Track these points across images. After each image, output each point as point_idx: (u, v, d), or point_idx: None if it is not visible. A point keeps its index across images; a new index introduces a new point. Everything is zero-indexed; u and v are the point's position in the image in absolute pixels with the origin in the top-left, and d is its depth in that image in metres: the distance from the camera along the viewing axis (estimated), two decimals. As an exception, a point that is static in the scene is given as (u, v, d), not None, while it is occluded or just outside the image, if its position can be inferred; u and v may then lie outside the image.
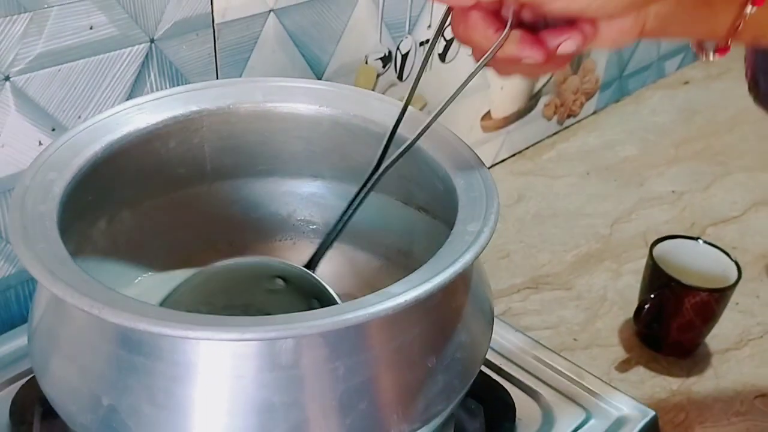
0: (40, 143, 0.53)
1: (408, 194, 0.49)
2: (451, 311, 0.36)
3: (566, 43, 0.35)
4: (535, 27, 0.36)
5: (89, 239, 0.46)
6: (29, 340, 0.38)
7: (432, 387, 0.35)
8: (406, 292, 0.31)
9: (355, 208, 0.44)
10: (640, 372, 0.69)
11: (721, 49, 0.41)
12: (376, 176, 0.43)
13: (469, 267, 0.34)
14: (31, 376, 0.47)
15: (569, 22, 0.35)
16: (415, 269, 0.49)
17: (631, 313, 0.72)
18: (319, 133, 0.48)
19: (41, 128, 0.53)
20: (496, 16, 0.36)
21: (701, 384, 0.68)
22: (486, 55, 0.36)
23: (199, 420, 0.32)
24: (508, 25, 0.35)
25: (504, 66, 0.38)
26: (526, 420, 0.47)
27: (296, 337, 0.31)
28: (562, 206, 0.91)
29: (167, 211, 0.50)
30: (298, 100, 0.47)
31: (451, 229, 0.38)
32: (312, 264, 0.44)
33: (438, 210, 0.47)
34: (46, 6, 0.50)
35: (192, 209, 0.51)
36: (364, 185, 0.43)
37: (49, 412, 0.42)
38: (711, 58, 0.42)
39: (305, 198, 0.52)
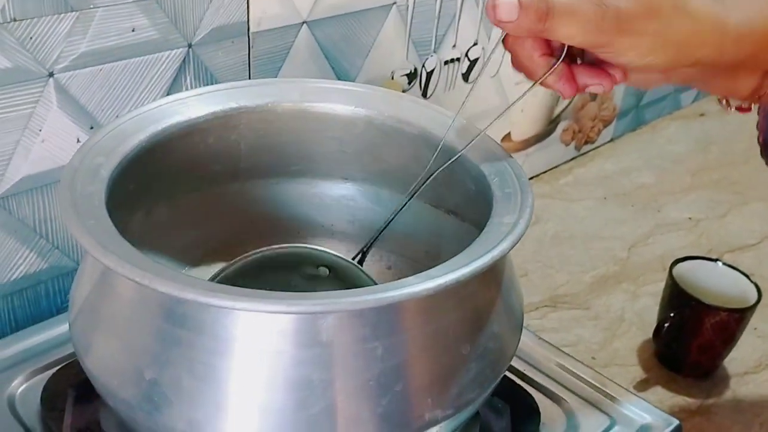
0: (78, 140, 0.55)
1: (438, 197, 0.50)
2: (485, 301, 0.37)
3: (596, 87, 0.38)
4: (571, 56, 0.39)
5: (127, 230, 0.46)
6: (71, 322, 0.39)
7: (465, 374, 0.35)
8: (446, 275, 0.32)
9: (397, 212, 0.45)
10: (658, 392, 0.69)
11: (743, 108, 0.43)
12: (424, 183, 0.44)
13: (504, 257, 0.35)
14: (62, 365, 0.47)
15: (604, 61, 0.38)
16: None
17: (649, 334, 0.73)
18: (353, 134, 0.49)
19: (80, 125, 0.54)
20: (544, 41, 0.38)
21: (720, 406, 0.68)
22: (535, 82, 0.39)
23: (237, 393, 0.33)
24: (559, 60, 0.37)
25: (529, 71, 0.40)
26: (550, 425, 0.47)
27: (339, 312, 0.32)
28: (579, 229, 0.91)
29: (200, 207, 0.51)
30: (334, 101, 0.48)
31: (482, 228, 0.39)
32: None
33: (468, 212, 0.48)
34: (92, 6, 0.51)
35: (224, 207, 0.52)
36: (413, 192, 0.44)
37: (80, 398, 0.43)
38: (732, 111, 0.44)
39: (335, 200, 0.53)
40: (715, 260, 0.72)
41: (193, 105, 0.45)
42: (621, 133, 1.13)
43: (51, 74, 0.51)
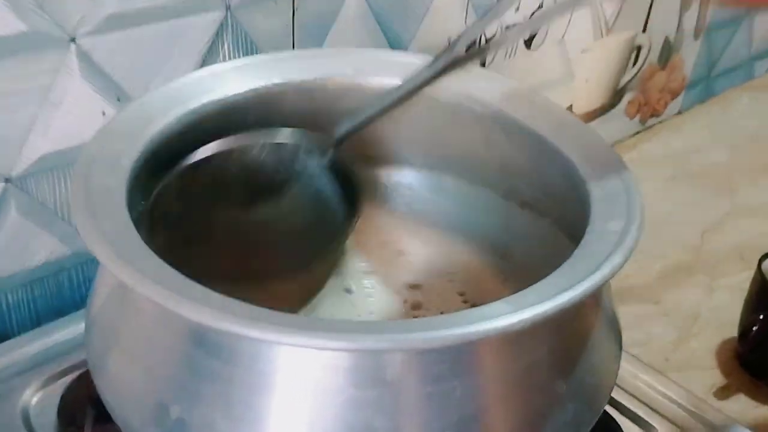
0: (104, 113, 0.49)
1: (510, 187, 0.43)
2: (583, 327, 0.31)
3: None
4: None
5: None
6: (86, 332, 0.33)
7: (560, 416, 0.29)
8: (546, 301, 0.25)
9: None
10: (741, 401, 0.62)
11: None
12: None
13: (611, 274, 0.28)
14: (84, 369, 0.42)
15: None
16: (513, 272, 0.44)
17: (727, 334, 0.65)
18: (413, 113, 0.42)
19: (105, 97, 0.48)
20: None
21: (812, 417, 0.61)
22: None
23: (284, 441, 0.27)
24: None
25: None
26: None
27: (408, 350, 0.25)
28: (647, 212, 0.83)
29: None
30: (392, 74, 0.41)
31: (571, 229, 0.33)
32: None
33: (547, 207, 0.41)
34: (118, -37, 0.45)
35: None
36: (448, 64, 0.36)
37: (102, 416, 0.37)
38: None
39: (391, 187, 0.47)
40: (810, 253, 0.64)
41: (230, 80, 0.39)
42: (689, 106, 1.04)
43: (73, 39, 0.45)
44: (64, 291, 0.52)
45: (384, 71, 0.42)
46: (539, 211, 0.42)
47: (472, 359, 0.27)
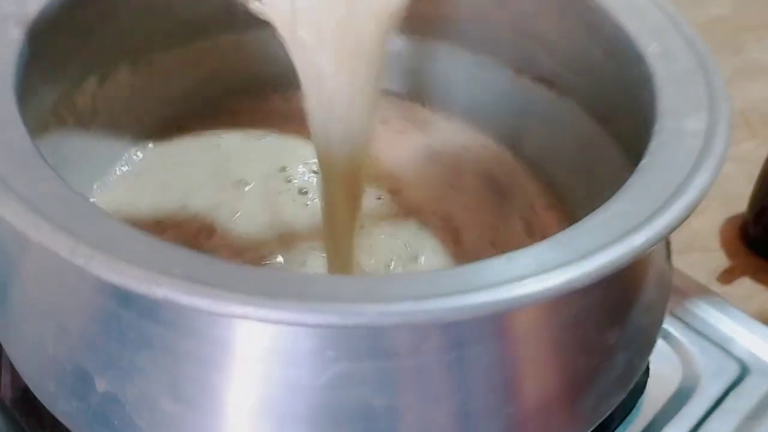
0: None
1: (525, 58, 0.34)
2: (640, 262, 0.23)
3: None
4: None
5: (72, 104, 0.32)
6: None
7: (609, 373, 0.22)
8: (593, 258, 0.18)
9: None
10: (746, 284, 0.58)
11: None
12: None
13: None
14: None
15: None
16: (526, 161, 0.36)
17: (734, 211, 0.60)
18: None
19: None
20: None
21: (820, 298, 0.57)
22: None
23: (252, 426, 0.20)
24: None
25: None
26: (659, 375, 0.35)
27: (421, 323, 0.18)
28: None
29: (179, 68, 0.36)
30: None
31: (595, 115, 0.25)
32: None
33: (573, 83, 0.33)
34: None
35: (212, 66, 0.37)
36: None
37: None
38: None
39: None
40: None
41: None
42: (692, -49, 0.94)
43: None
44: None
45: None
46: (562, 89, 0.33)
47: (499, 320, 0.20)
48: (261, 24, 0.32)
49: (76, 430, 0.22)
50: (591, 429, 0.23)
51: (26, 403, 0.31)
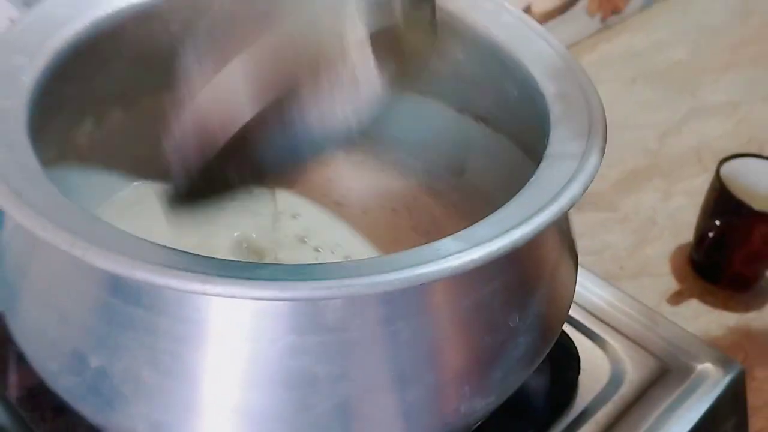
0: (12, 21, 0.43)
1: (464, 99, 0.40)
2: (539, 256, 0.28)
3: None
4: None
5: (72, 143, 0.37)
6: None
7: (513, 351, 0.27)
8: (498, 238, 0.23)
9: None
10: (693, 305, 0.62)
11: None
12: None
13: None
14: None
15: None
16: (468, 192, 0.41)
17: (683, 239, 0.65)
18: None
19: (12, 1, 0.43)
20: None
21: (761, 320, 0.61)
22: None
23: (216, 393, 0.25)
24: None
25: None
26: (591, 372, 0.40)
27: (352, 296, 0.23)
28: (606, 116, 0.81)
29: (166, 110, 0.41)
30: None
31: (527, 146, 0.30)
32: None
33: (503, 121, 0.38)
34: None
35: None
36: None
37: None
38: None
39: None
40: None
41: (147, -19, 0.34)
42: (652, 2, 1.01)
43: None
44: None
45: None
46: (495, 126, 0.39)
47: (419, 300, 0.25)
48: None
49: (73, 402, 0.27)
50: (499, 399, 0.28)
51: (30, 401, 0.35)
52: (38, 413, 0.35)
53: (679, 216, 0.69)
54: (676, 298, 0.63)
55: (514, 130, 0.37)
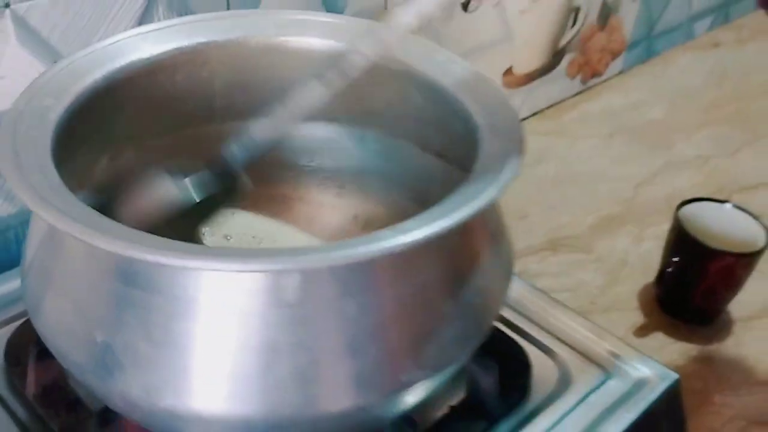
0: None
1: (425, 139, 0.46)
2: (469, 254, 0.34)
3: None
4: None
5: (91, 176, 0.43)
6: (22, 278, 0.36)
7: (448, 332, 0.33)
8: (423, 228, 0.29)
9: None
10: (659, 338, 0.67)
11: None
12: None
13: (489, 207, 0.32)
14: (27, 317, 0.45)
15: None
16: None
17: (650, 278, 0.70)
18: (333, 71, 0.45)
19: (43, 61, 0.50)
20: None
21: (722, 351, 0.65)
22: None
23: (198, 358, 0.30)
24: None
25: None
26: (541, 379, 0.45)
27: (304, 270, 0.29)
28: (583, 168, 0.88)
29: (173, 150, 0.48)
30: (312, 34, 0.44)
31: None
32: None
33: (456, 155, 0.44)
34: (49, -73, 0.47)
35: (200, 149, 0.49)
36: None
37: (43, 353, 0.41)
38: None
39: (318, 141, 0.50)
40: (724, 201, 0.68)
41: (154, 40, 0.41)
42: (630, 66, 1.08)
43: (7, 5, 0.47)
44: (11, 246, 0.55)
45: (306, 31, 0.45)
46: (449, 160, 0.45)
47: (363, 281, 0.30)
48: (237, 116, 0.44)
49: (81, 375, 0.32)
50: (437, 372, 0.33)
51: (45, 397, 0.41)
52: (53, 409, 0.41)
53: (648, 258, 0.74)
54: (642, 331, 0.67)
55: (463, 162, 0.43)
